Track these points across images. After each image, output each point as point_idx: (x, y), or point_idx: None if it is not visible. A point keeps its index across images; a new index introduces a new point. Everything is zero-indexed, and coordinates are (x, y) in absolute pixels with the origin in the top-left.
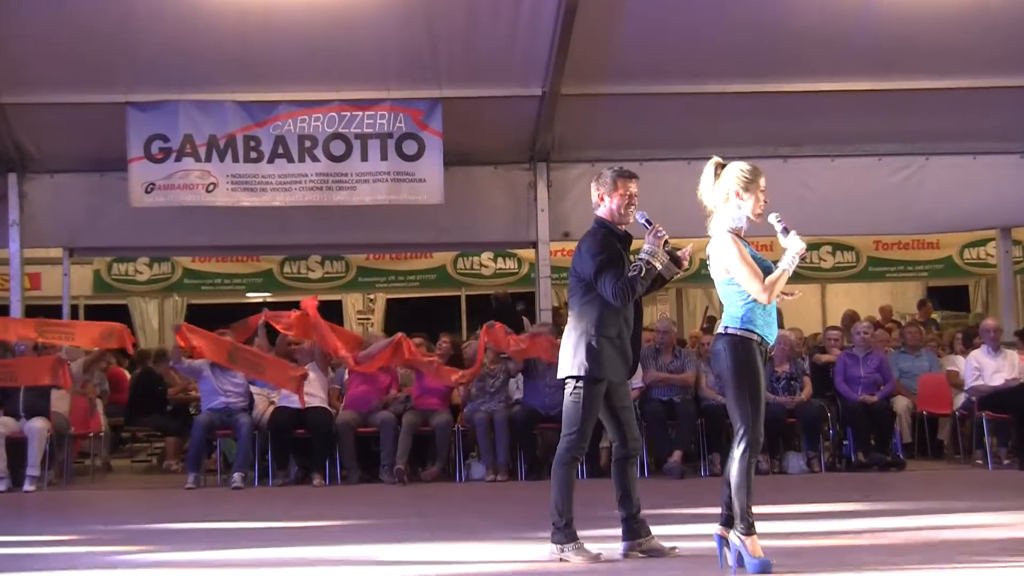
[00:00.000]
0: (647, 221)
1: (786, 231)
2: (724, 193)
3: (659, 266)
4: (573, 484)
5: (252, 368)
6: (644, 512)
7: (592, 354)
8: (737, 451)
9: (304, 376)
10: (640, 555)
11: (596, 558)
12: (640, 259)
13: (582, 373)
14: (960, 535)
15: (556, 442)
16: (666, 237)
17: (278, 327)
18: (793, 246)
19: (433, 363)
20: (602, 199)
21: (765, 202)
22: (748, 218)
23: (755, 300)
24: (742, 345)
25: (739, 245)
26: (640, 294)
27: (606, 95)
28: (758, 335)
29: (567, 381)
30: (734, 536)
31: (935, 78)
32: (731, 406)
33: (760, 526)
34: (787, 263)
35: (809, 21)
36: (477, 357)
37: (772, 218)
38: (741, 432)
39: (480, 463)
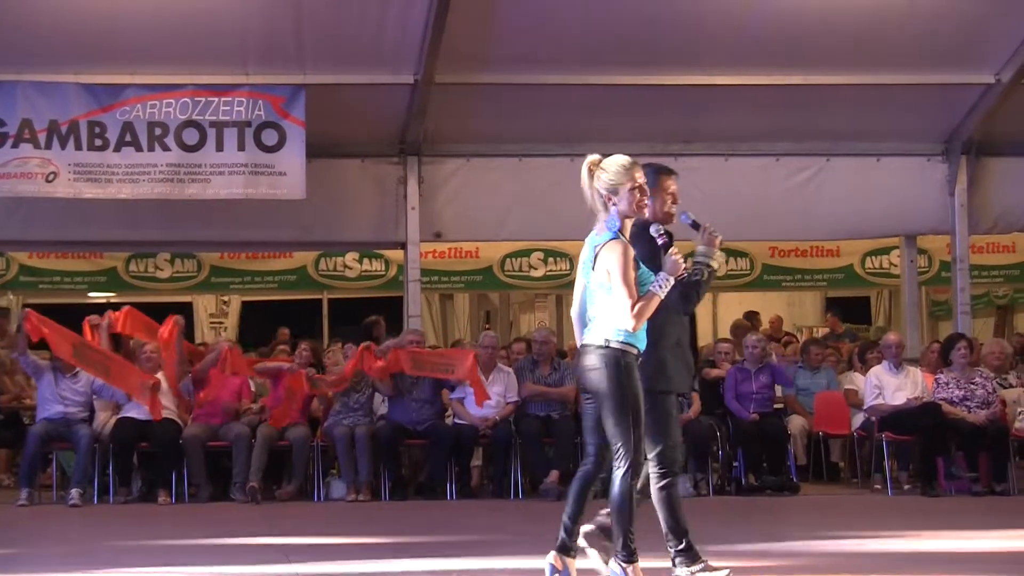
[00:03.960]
0: (694, 223)
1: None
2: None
3: (716, 266)
4: (680, 503)
5: (98, 368)
6: (508, 537)
7: (659, 367)
8: (618, 473)
9: (156, 385)
10: None
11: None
12: (699, 263)
13: (649, 387)
14: (857, 564)
15: (422, 460)
16: (720, 237)
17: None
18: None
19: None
20: (652, 197)
21: (642, 202)
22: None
23: None
24: (624, 360)
25: (626, 255)
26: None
27: (484, 84)
28: (637, 348)
29: None
30: (615, 565)
31: (837, 73)
32: (610, 425)
33: (642, 554)
34: (659, 285)
35: (703, 9)
36: (346, 371)
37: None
38: (622, 453)
39: (341, 481)
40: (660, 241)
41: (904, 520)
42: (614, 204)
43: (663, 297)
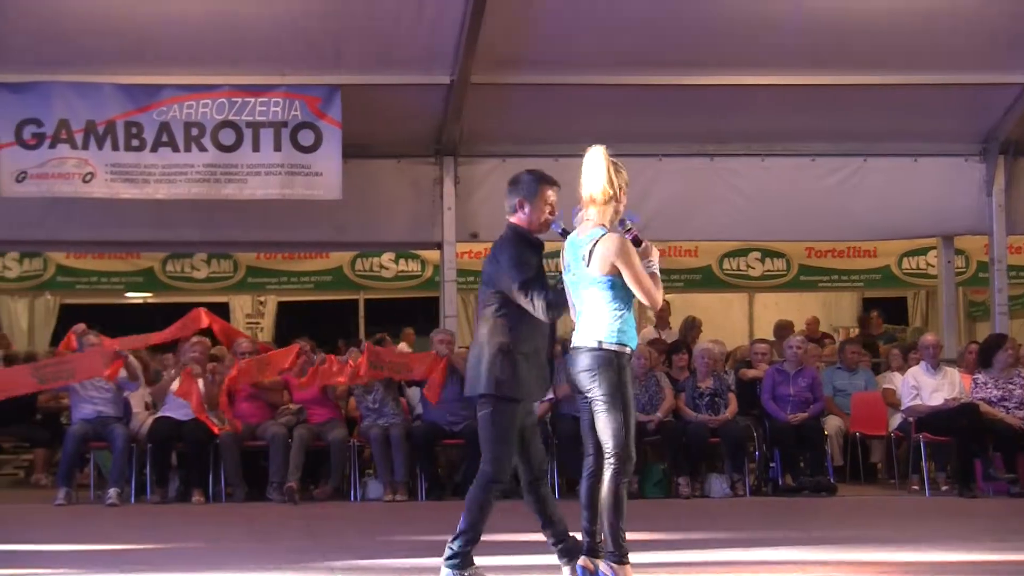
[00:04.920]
0: (636, 239)
1: (637, 241)
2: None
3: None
4: (490, 508)
5: (62, 376)
6: (545, 537)
7: (508, 372)
8: (608, 472)
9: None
10: None
11: None
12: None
13: (497, 392)
14: (894, 568)
15: (458, 459)
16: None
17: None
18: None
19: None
20: (522, 205)
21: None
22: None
23: (626, 310)
24: (617, 361)
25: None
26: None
27: (519, 85)
28: (630, 348)
29: (480, 399)
30: (604, 566)
31: (875, 73)
32: (602, 424)
33: (679, 554)
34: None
35: (740, 9)
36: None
37: (626, 220)
38: (612, 451)
39: (377, 481)
40: (629, 237)
41: (942, 522)
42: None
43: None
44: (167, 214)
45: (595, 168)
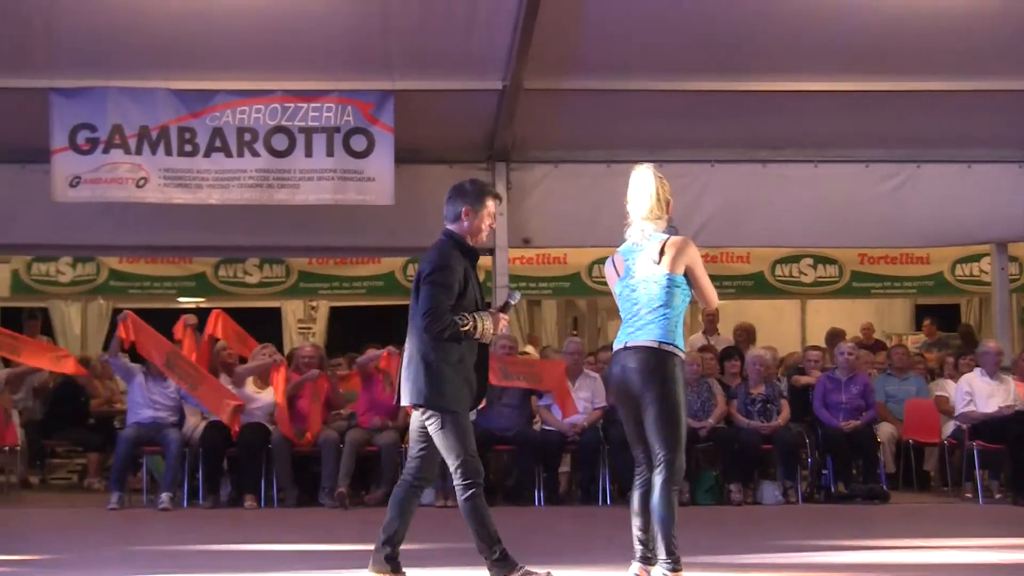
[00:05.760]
0: (506, 306)
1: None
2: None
3: (478, 338)
4: (487, 512)
5: (187, 381)
6: (596, 543)
7: (435, 383)
8: (659, 479)
9: (241, 408)
10: None
11: None
12: (473, 322)
13: (424, 403)
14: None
15: (510, 465)
16: (503, 323)
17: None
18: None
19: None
20: (467, 214)
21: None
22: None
23: (681, 316)
24: (674, 363)
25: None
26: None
27: (572, 91)
28: (683, 353)
29: (421, 409)
30: (658, 573)
31: (928, 79)
32: (655, 429)
33: (732, 560)
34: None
35: (792, 14)
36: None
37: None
38: (664, 458)
39: (429, 486)
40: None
41: (995, 529)
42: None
43: None
44: (220, 219)
45: (644, 188)
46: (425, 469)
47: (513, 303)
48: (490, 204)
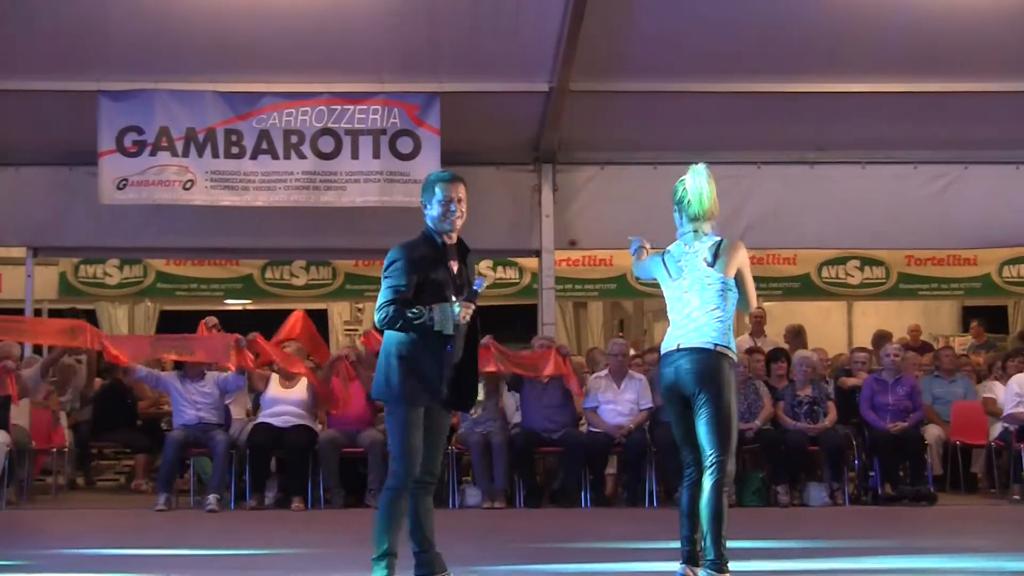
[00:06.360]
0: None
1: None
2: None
3: (437, 328)
4: (400, 515)
5: (181, 351)
6: (643, 545)
7: (387, 377)
8: (709, 481)
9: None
10: None
11: None
12: (429, 313)
13: (378, 395)
14: None
15: (556, 467)
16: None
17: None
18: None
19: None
20: (424, 206)
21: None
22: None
23: (731, 318)
24: (728, 364)
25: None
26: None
27: (618, 92)
28: (735, 355)
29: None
30: (705, 574)
31: (976, 80)
32: (708, 431)
33: (778, 562)
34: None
35: (839, 15)
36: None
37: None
38: (715, 460)
39: (475, 488)
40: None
41: None
42: None
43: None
44: (266, 221)
45: (702, 186)
46: (426, 465)
47: (478, 290)
48: (440, 190)
